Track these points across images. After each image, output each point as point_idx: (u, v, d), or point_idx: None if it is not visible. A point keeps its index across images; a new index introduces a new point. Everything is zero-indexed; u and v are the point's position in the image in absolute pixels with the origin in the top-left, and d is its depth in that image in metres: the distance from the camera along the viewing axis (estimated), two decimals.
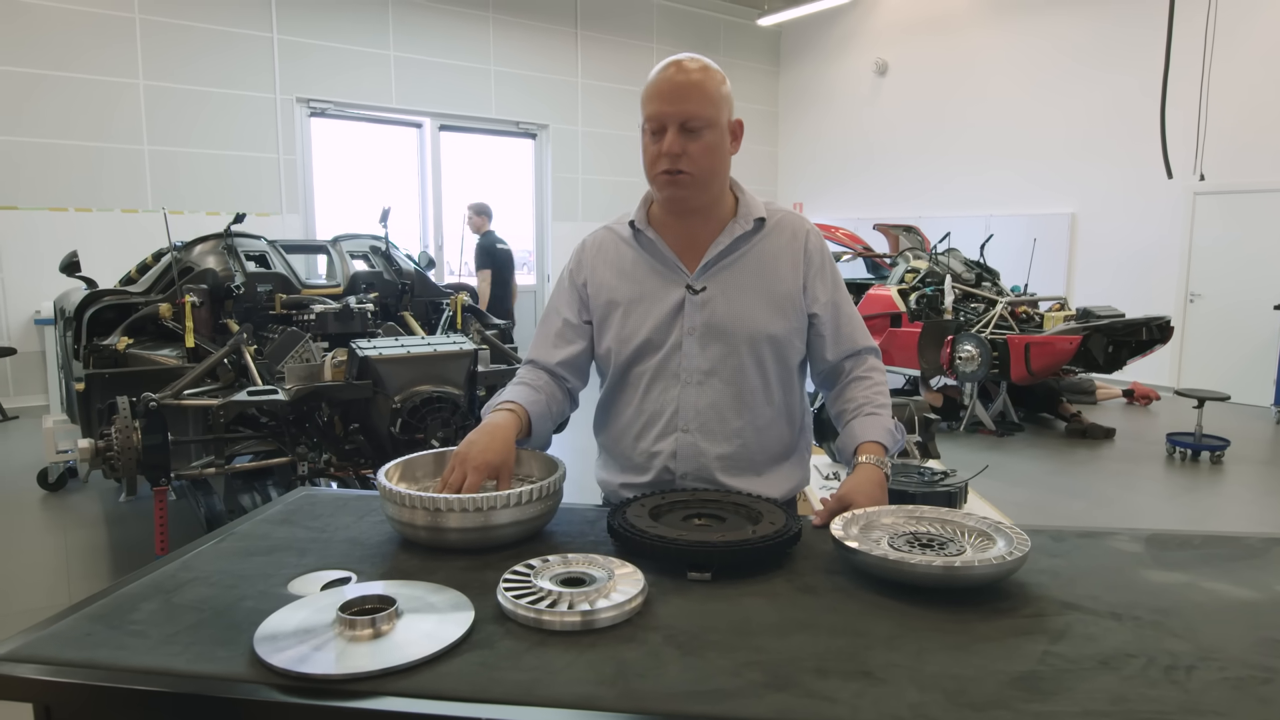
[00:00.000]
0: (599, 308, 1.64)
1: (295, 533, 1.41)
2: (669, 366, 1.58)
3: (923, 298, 7.23)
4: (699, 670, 0.95)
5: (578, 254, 1.69)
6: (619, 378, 1.64)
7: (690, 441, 1.58)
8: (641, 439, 1.62)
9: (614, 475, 1.69)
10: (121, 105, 7.50)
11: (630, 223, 1.62)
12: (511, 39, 9.85)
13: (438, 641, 0.98)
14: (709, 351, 1.57)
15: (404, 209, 9.52)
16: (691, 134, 1.47)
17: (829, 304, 1.62)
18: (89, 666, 0.96)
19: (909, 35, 10.81)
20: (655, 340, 1.58)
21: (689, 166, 1.49)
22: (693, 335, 1.57)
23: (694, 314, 1.57)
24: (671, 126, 1.47)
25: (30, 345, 7.27)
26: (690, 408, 1.57)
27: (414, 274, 5.03)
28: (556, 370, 1.66)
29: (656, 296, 1.59)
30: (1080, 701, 0.88)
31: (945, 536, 1.28)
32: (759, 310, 1.57)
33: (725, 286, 1.57)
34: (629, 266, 1.62)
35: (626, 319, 1.60)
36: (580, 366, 1.68)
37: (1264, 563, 1.30)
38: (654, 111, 1.49)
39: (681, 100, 1.47)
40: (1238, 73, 7.76)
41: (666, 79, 1.48)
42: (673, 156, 1.48)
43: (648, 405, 1.61)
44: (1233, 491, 5.23)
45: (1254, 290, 7.88)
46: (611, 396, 1.68)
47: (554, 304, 1.70)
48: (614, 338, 1.62)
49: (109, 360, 3.78)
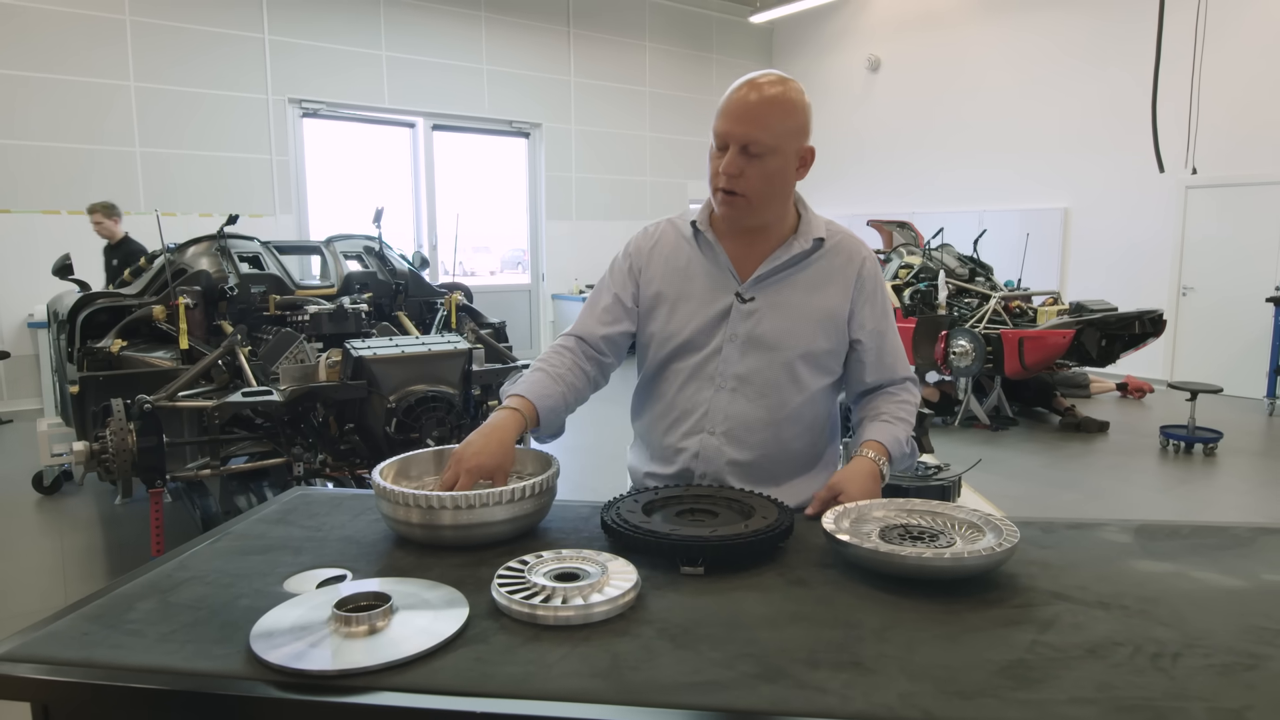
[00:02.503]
0: (647, 298, 1.65)
1: (291, 532, 1.41)
2: (706, 369, 1.59)
3: (917, 293, 7.25)
4: (692, 663, 0.95)
5: (637, 240, 1.70)
6: (657, 370, 1.66)
7: (715, 445, 1.59)
8: (670, 434, 1.64)
9: (643, 463, 1.71)
10: (113, 107, 7.48)
11: (692, 222, 1.63)
12: (504, 38, 9.84)
13: (433, 637, 0.99)
14: (747, 361, 1.57)
15: (397, 209, 9.51)
16: (752, 158, 1.46)
17: (874, 332, 1.63)
18: (86, 665, 0.97)
19: (901, 31, 10.83)
20: (697, 341, 1.60)
21: (743, 189, 1.48)
22: (734, 343, 1.57)
23: (739, 322, 1.57)
24: (733, 146, 1.46)
25: (24, 349, 7.25)
26: (720, 412, 1.58)
27: (408, 274, 5.03)
28: (599, 345, 1.65)
29: (705, 299, 1.60)
30: (1068, 690, 0.89)
31: (935, 529, 1.29)
32: (804, 328, 1.57)
33: (774, 300, 1.58)
34: (683, 264, 1.63)
35: (672, 315, 1.61)
36: (621, 345, 1.68)
37: (1250, 552, 1.31)
38: (719, 129, 1.48)
39: (747, 123, 1.45)
40: (1229, 67, 7.79)
41: (740, 99, 1.46)
42: (730, 177, 1.47)
43: (679, 402, 1.62)
44: (1226, 483, 5.25)
45: (1246, 283, 7.91)
46: (647, 387, 1.70)
47: (605, 283, 1.70)
48: (657, 331, 1.63)
49: (103, 363, 3.78)
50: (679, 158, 11.39)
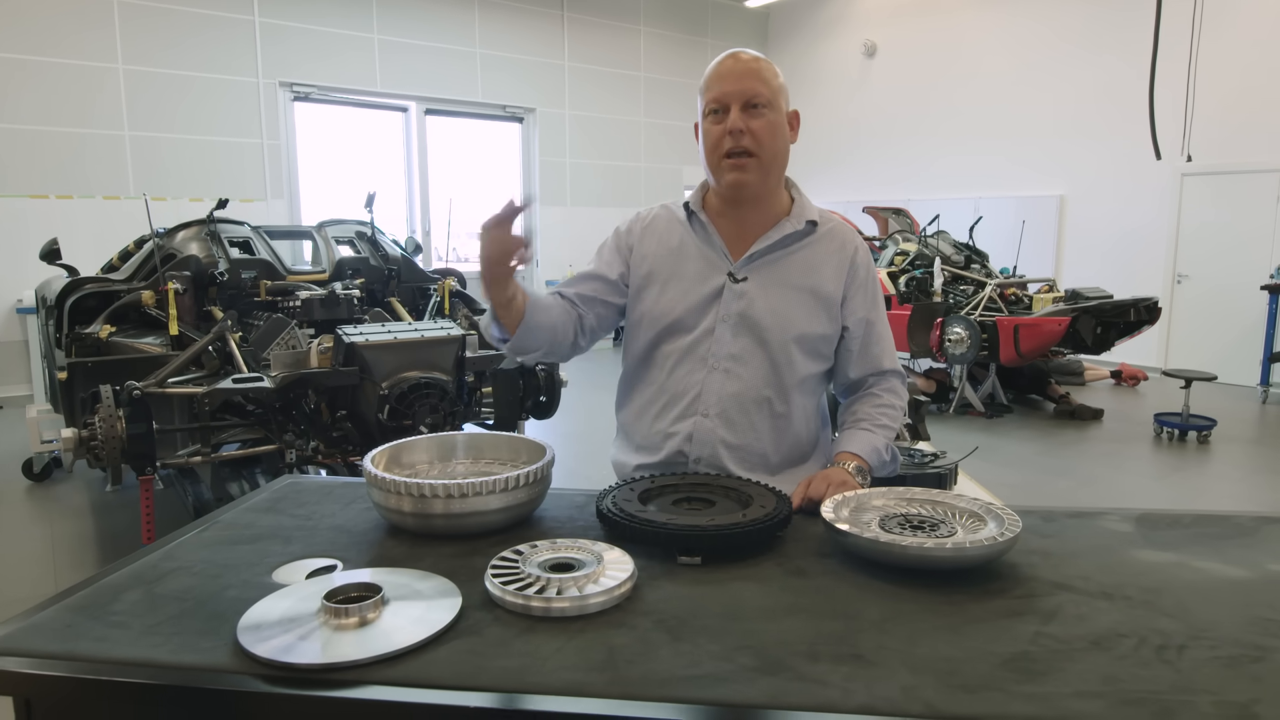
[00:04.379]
0: (639, 277, 1.64)
1: (280, 521, 1.39)
2: (698, 350, 1.58)
3: (912, 280, 7.24)
4: (689, 655, 0.94)
5: (630, 221, 1.70)
6: (646, 354, 1.64)
7: (709, 427, 1.57)
8: (660, 419, 1.62)
9: (629, 456, 1.68)
10: (102, 91, 7.39)
11: (685, 204, 1.64)
12: (497, 22, 9.75)
13: (425, 629, 0.97)
14: (740, 341, 1.57)
15: (390, 194, 9.45)
16: (754, 111, 1.50)
17: (863, 320, 1.63)
18: (70, 659, 0.94)
19: (897, 17, 10.76)
20: (688, 321, 1.59)
21: (752, 145, 1.50)
22: (726, 323, 1.57)
23: (731, 302, 1.57)
24: (735, 105, 1.50)
25: (12, 334, 7.19)
26: (713, 394, 1.57)
27: (400, 259, 4.99)
28: (574, 299, 1.64)
29: (697, 278, 1.59)
30: (1072, 682, 0.88)
31: (936, 518, 1.27)
32: (796, 309, 1.57)
33: (766, 281, 1.58)
34: (676, 243, 1.63)
35: (663, 293, 1.61)
36: (593, 302, 1.65)
37: (1254, 541, 1.30)
38: (717, 93, 1.51)
39: (746, 79, 1.50)
40: (1225, 54, 7.77)
41: (727, 65, 1.53)
42: (736, 134, 1.49)
43: (671, 385, 1.61)
44: (1220, 470, 5.27)
45: (1241, 271, 7.92)
46: (636, 373, 1.68)
47: (593, 260, 1.70)
48: (647, 310, 1.62)
49: (91, 349, 3.74)
50: (674, 143, 11.32)
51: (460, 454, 1.54)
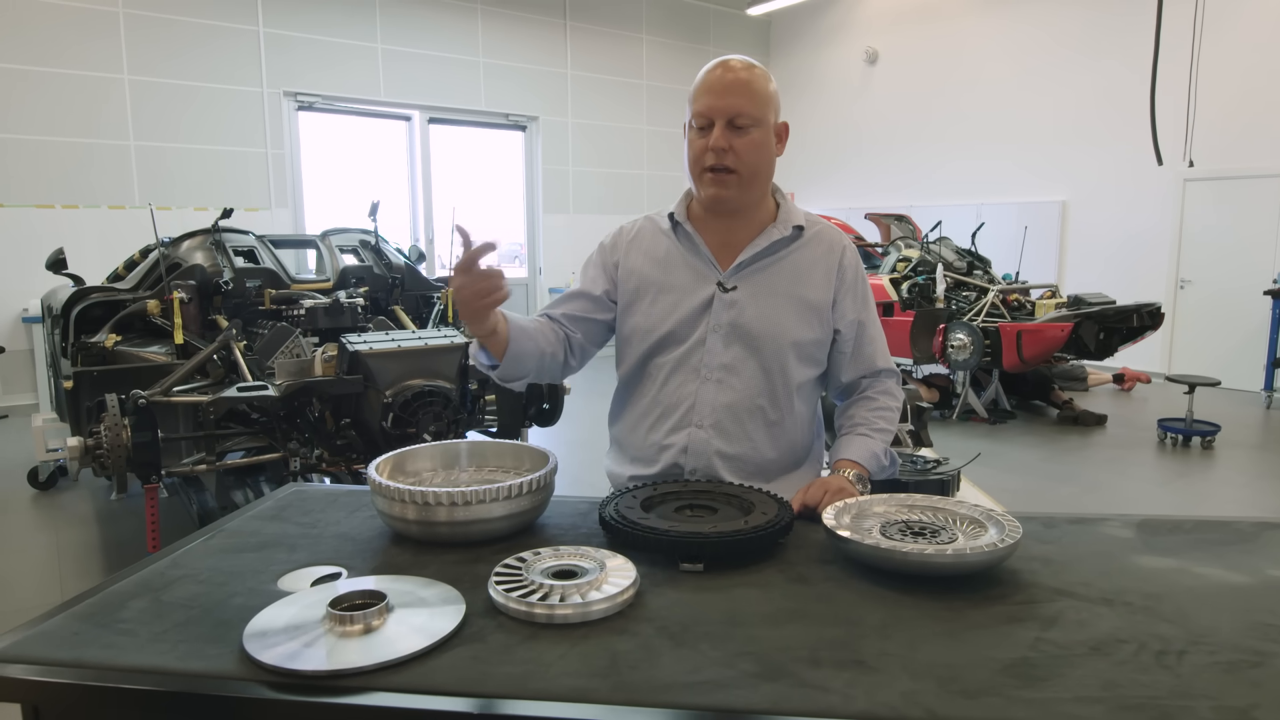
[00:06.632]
0: (627, 291, 1.63)
1: (285, 529, 1.40)
2: (690, 361, 1.58)
3: (915, 286, 7.24)
4: (692, 661, 0.94)
5: (614, 236, 1.69)
6: (638, 367, 1.64)
7: (703, 438, 1.57)
8: (654, 431, 1.61)
9: (624, 467, 1.68)
10: (107, 101, 7.43)
11: (669, 215, 1.63)
12: (500, 31, 9.79)
13: (429, 636, 0.98)
14: (732, 350, 1.56)
15: (393, 203, 9.47)
16: (739, 130, 1.48)
17: (855, 322, 1.63)
18: (77, 666, 0.95)
19: (899, 24, 10.79)
20: (679, 333, 1.58)
21: (734, 163, 1.49)
22: (718, 333, 1.56)
23: (721, 312, 1.56)
24: (719, 121, 1.48)
25: (18, 343, 7.22)
26: (707, 404, 1.57)
27: (404, 268, 5.01)
28: (560, 319, 1.64)
29: (686, 289, 1.58)
30: (1072, 688, 0.88)
31: (937, 524, 1.28)
32: (787, 316, 1.57)
33: (756, 289, 1.57)
34: (662, 255, 1.62)
35: (653, 306, 1.60)
36: (580, 321, 1.65)
37: (1254, 547, 1.30)
38: (702, 107, 1.49)
39: (730, 95, 1.47)
40: (1226, 58, 7.77)
41: (716, 77, 1.49)
42: (719, 151, 1.48)
43: (664, 397, 1.60)
44: (1224, 476, 5.25)
45: (1243, 276, 7.91)
46: (629, 385, 1.67)
47: (578, 278, 1.70)
48: (638, 323, 1.61)
49: (97, 358, 3.75)
50: (676, 151, 11.33)
51: (464, 462, 1.55)
